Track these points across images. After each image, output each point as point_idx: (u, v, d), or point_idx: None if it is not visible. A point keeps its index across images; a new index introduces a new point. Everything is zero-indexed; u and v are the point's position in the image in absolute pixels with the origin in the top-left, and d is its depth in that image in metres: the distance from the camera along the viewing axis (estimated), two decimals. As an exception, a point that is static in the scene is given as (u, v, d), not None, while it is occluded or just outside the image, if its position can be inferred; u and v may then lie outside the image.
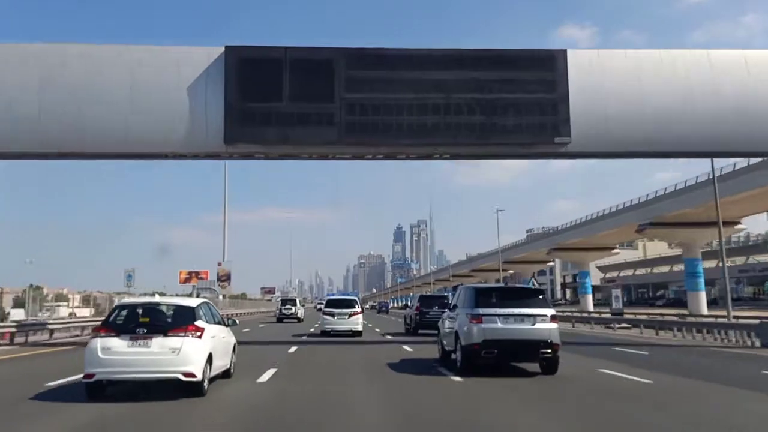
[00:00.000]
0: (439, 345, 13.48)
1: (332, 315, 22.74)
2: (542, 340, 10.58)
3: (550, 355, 10.70)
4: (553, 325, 10.75)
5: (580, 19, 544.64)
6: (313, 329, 26.42)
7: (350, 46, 16.20)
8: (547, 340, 10.59)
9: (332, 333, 22.15)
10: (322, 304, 33.19)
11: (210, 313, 9.24)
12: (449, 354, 12.29)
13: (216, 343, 8.87)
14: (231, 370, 10.05)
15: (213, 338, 8.72)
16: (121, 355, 7.85)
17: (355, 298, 27.20)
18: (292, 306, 40.57)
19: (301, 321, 38.49)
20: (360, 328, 22.72)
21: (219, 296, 45.31)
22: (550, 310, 10.94)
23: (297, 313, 39.97)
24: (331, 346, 18.13)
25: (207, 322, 8.66)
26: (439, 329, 13.72)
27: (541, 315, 10.72)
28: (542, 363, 11.00)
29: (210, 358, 8.42)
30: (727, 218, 41.22)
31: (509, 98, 15.78)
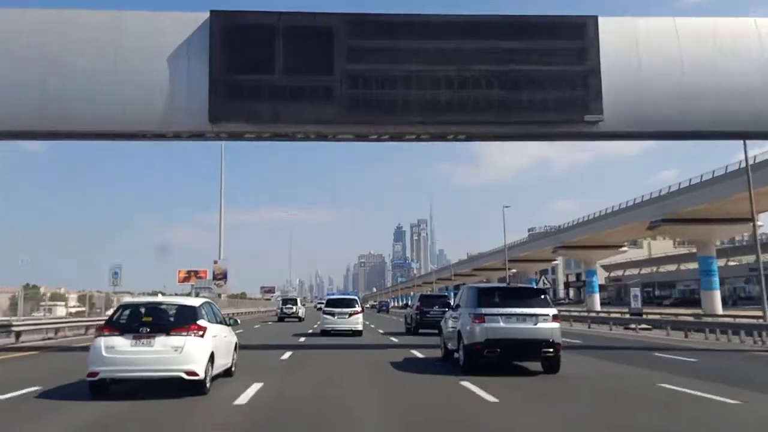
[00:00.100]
0: (441, 344, 13.68)
1: (332, 314, 22.84)
2: (544, 340, 10.78)
3: (552, 355, 10.91)
4: (554, 324, 10.97)
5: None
6: (311, 330, 26.26)
7: (353, 11, 14.71)
8: (549, 340, 10.79)
9: (332, 332, 22.27)
10: (322, 303, 33.58)
11: (212, 313, 9.43)
12: (452, 353, 12.51)
13: (218, 343, 9.06)
14: (232, 368, 10.25)
15: (215, 337, 8.90)
16: (125, 353, 8.03)
17: (356, 297, 27.30)
18: (293, 305, 41.33)
19: (302, 320, 39.16)
20: (360, 327, 22.87)
21: (220, 296, 44.08)
22: (551, 310, 11.13)
23: (298, 312, 40.75)
24: (331, 344, 17.91)
25: (209, 322, 8.86)
26: (441, 329, 13.89)
27: (543, 315, 10.91)
28: (544, 362, 11.21)
29: (212, 357, 8.61)
30: (744, 214, 39.81)
31: (533, 70, 14.15)
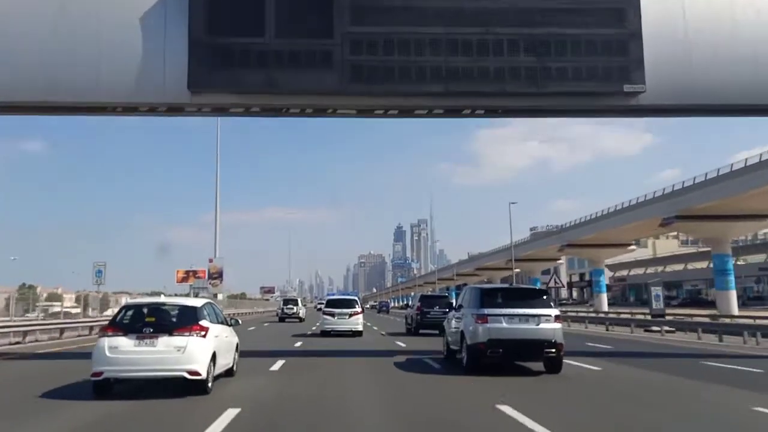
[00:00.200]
0: (444, 344, 13.94)
1: (332, 315, 22.98)
2: (546, 340, 11.04)
3: (554, 355, 11.16)
4: (557, 325, 11.24)
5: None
6: (311, 331, 26.24)
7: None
8: (551, 340, 11.05)
9: (332, 333, 22.40)
10: (322, 303, 33.99)
11: (213, 313, 9.70)
12: (454, 353, 12.80)
13: (220, 343, 9.31)
14: (234, 368, 10.51)
15: (217, 337, 9.16)
16: (128, 353, 8.28)
17: (356, 297, 27.52)
18: (293, 306, 42.04)
19: (303, 320, 39.75)
20: (360, 328, 23.12)
21: (216, 296, 43.23)
22: (554, 311, 11.41)
23: (299, 312, 41.42)
24: (332, 343, 18.13)
25: (211, 322, 9.11)
26: (444, 329, 14.13)
27: (545, 315, 11.16)
28: (546, 362, 11.43)
29: (214, 357, 8.86)
30: (762, 211, 39.08)
31: (565, 34, 12.65)
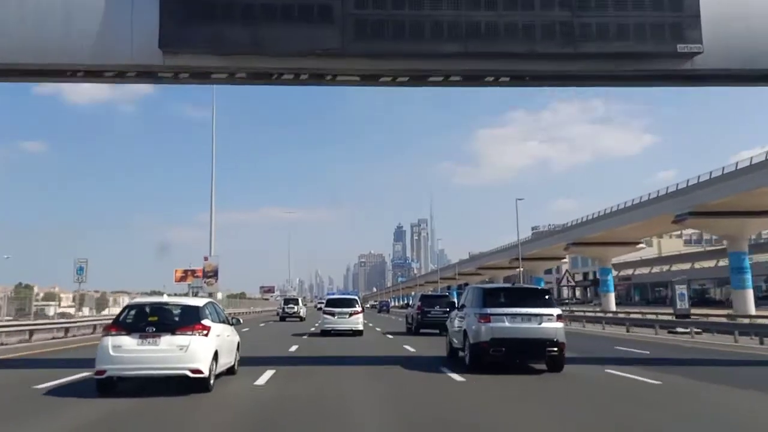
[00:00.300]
0: (447, 343, 14.31)
1: (332, 314, 23.29)
2: (548, 339, 11.37)
3: (557, 354, 11.50)
4: (559, 324, 11.59)
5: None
6: (312, 329, 26.60)
7: None
8: (554, 339, 11.38)
9: (332, 332, 22.70)
10: (322, 303, 34.36)
11: (215, 312, 10.00)
12: (456, 352, 13.18)
13: (221, 342, 9.60)
14: (235, 367, 10.84)
15: (218, 336, 9.45)
16: (131, 352, 8.58)
17: (356, 297, 27.79)
18: (294, 305, 42.93)
19: (303, 319, 40.50)
20: (360, 327, 23.36)
21: (210, 295, 44.41)
22: (556, 310, 11.75)
23: (299, 312, 42.26)
24: (332, 343, 18.40)
25: (213, 321, 9.40)
26: (447, 328, 14.52)
27: (547, 314, 11.51)
28: (549, 361, 11.76)
29: (216, 356, 9.16)
30: None
31: None
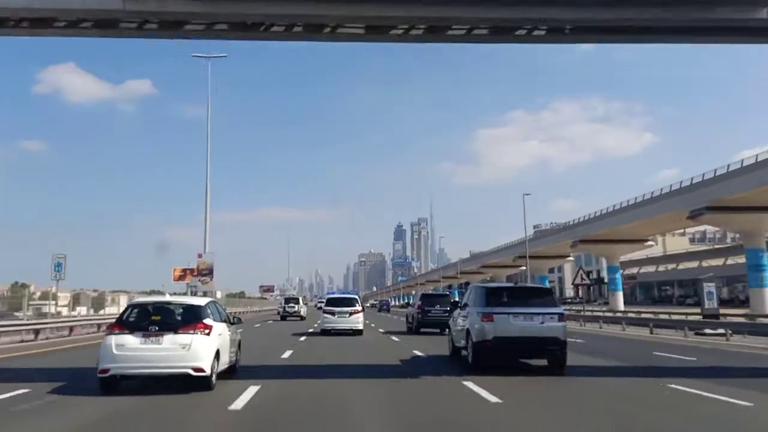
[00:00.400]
0: (449, 342, 14.69)
1: (333, 314, 23.65)
2: (550, 338, 11.68)
3: (559, 352, 11.83)
4: (561, 323, 11.90)
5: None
6: (311, 330, 26.87)
7: None
8: (556, 338, 11.71)
9: (332, 332, 23.05)
10: (322, 302, 34.61)
11: (217, 312, 10.30)
12: (459, 351, 13.50)
13: (223, 340, 9.90)
14: (236, 365, 11.16)
15: (220, 335, 9.75)
16: (135, 351, 8.86)
17: (356, 296, 28.09)
18: (295, 304, 43.80)
19: (304, 319, 41.37)
20: (360, 326, 23.68)
21: (205, 294, 44.72)
22: (558, 309, 12.10)
23: (300, 311, 43.13)
24: (332, 342, 18.71)
25: (214, 320, 9.70)
26: (450, 327, 14.89)
27: (549, 314, 11.83)
28: (551, 360, 12.10)
29: (218, 354, 9.45)
30: None
31: None
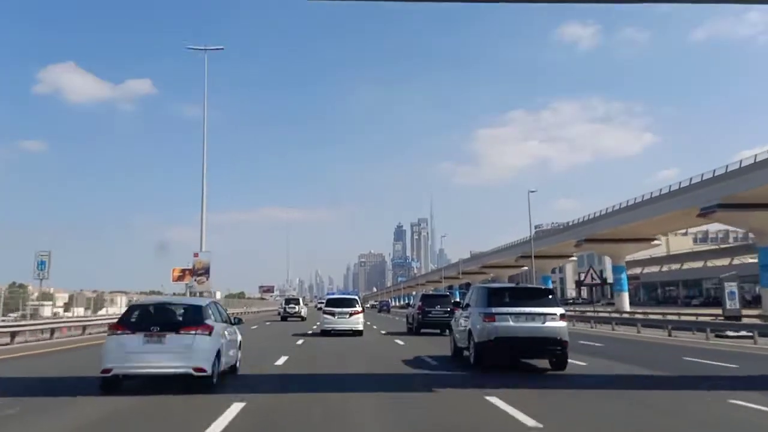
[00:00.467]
0: (451, 342, 14.96)
1: (333, 314, 23.89)
2: (552, 338, 11.94)
3: (560, 352, 12.10)
4: (562, 323, 12.14)
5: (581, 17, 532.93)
6: (309, 332, 26.97)
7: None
8: (557, 338, 11.96)
9: (332, 332, 23.30)
10: (322, 303, 34.79)
11: (218, 312, 10.52)
12: (461, 351, 13.72)
13: (224, 341, 10.10)
14: (237, 365, 11.37)
15: (221, 336, 9.95)
16: (137, 351, 9.04)
17: (356, 297, 28.35)
18: (295, 305, 44.83)
19: (304, 319, 42.19)
20: (361, 327, 23.92)
21: (201, 294, 44.77)
22: (559, 309, 12.31)
23: (300, 311, 44.11)
24: (332, 342, 18.90)
25: (215, 321, 9.91)
26: (451, 327, 15.14)
27: (550, 314, 12.07)
28: (552, 359, 12.35)
29: (219, 354, 9.64)
30: None
31: None
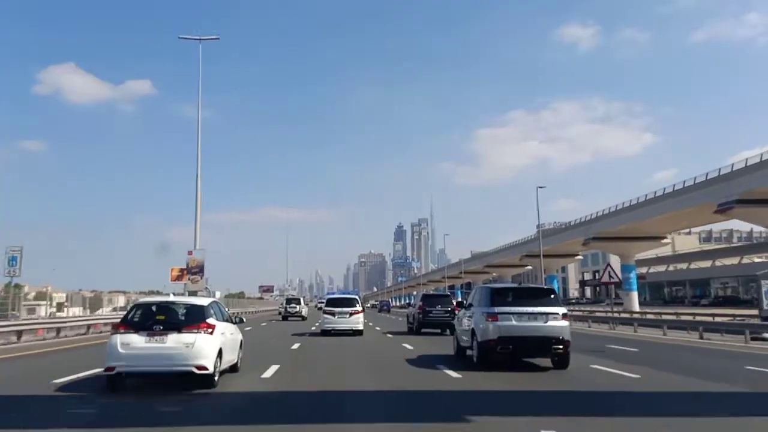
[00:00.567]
0: (454, 341, 15.38)
1: (333, 314, 24.16)
2: (554, 337, 12.24)
3: (562, 351, 12.37)
4: (564, 322, 12.48)
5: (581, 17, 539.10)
6: (309, 332, 27.13)
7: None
8: (559, 337, 12.26)
9: (332, 332, 23.56)
10: (322, 302, 35.40)
11: (219, 312, 10.80)
12: (464, 350, 14.11)
13: (225, 339, 10.41)
14: (238, 364, 11.67)
15: (223, 334, 10.26)
16: (140, 349, 9.34)
17: (356, 296, 28.64)
18: (296, 305, 45.92)
19: (305, 319, 43.14)
20: (361, 327, 24.18)
21: (197, 293, 45.00)
22: (561, 309, 12.66)
23: (301, 311, 45.20)
24: (333, 342, 19.18)
25: (217, 320, 10.19)
26: (449, 327, 15.80)
27: (553, 313, 12.41)
28: (554, 358, 12.62)
29: (220, 353, 9.94)
30: None
31: None
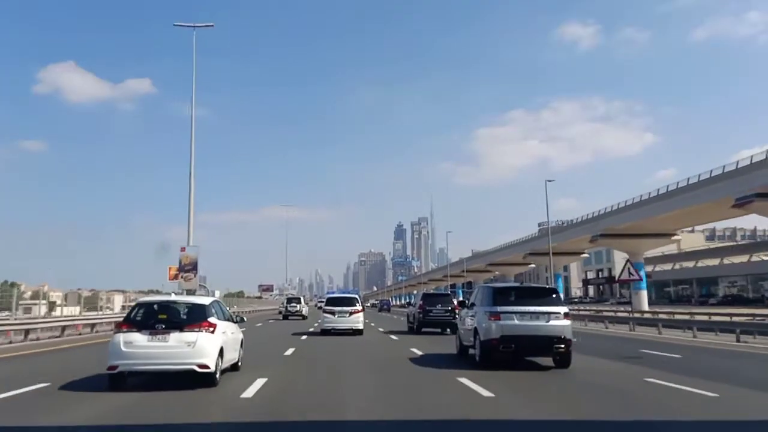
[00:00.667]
0: (456, 339, 15.72)
1: (333, 313, 24.44)
2: (556, 336, 12.47)
3: (564, 350, 12.61)
4: (566, 321, 12.70)
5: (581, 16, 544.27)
6: (308, 333, 27.23)
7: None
8: (561, 336, 12.49)
9: (332, 331, 23.87)
10: (322, 302, 35.71)
11: (221, 311, 11.08)
12: (467, 349, 14.40)
13: (226, 338, 10.68)
14: (239, 363, 11.97)
15: (224, 334, 10.52)
16: (142, 348, 9.60)
17: (356, 296, 28.86)
18: (297, 304, 46.87)
19: (306, 318, 43.96)
20: (361, 326, 24.43)
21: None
22: (563, 308, 12.88)
23: (301, 310, 46.06)
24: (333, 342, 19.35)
25: (218, 319, 10.45)
26: (449, 326, 16.19)
27: (555, 312, 12.63)
28: (556, 357, 12.87)
29: (221, 352, 10.20)
30: None
31: None
